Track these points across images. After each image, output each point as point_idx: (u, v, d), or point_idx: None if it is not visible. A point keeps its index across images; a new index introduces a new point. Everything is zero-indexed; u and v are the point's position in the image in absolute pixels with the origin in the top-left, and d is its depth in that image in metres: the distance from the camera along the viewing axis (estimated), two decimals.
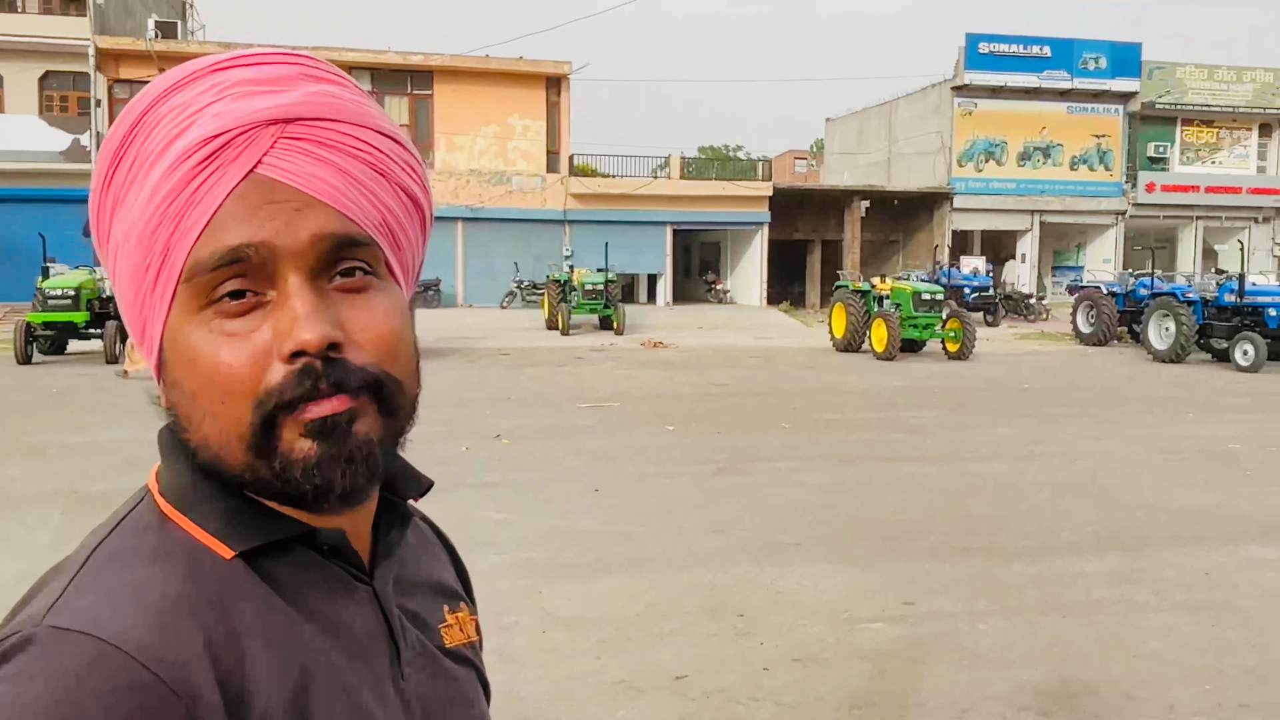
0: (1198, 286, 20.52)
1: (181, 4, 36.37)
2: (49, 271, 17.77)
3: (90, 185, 0.70)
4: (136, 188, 0.65)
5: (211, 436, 0.66)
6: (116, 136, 0.67)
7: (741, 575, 5.70)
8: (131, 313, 0.69)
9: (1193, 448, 10.04)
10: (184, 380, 0.66)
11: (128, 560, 0.65)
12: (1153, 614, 5.21)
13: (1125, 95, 34.46)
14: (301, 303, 0.64)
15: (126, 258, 0.67)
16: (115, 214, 0.67)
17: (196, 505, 0.68)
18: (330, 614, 0.70)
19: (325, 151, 0.66)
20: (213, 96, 0.65)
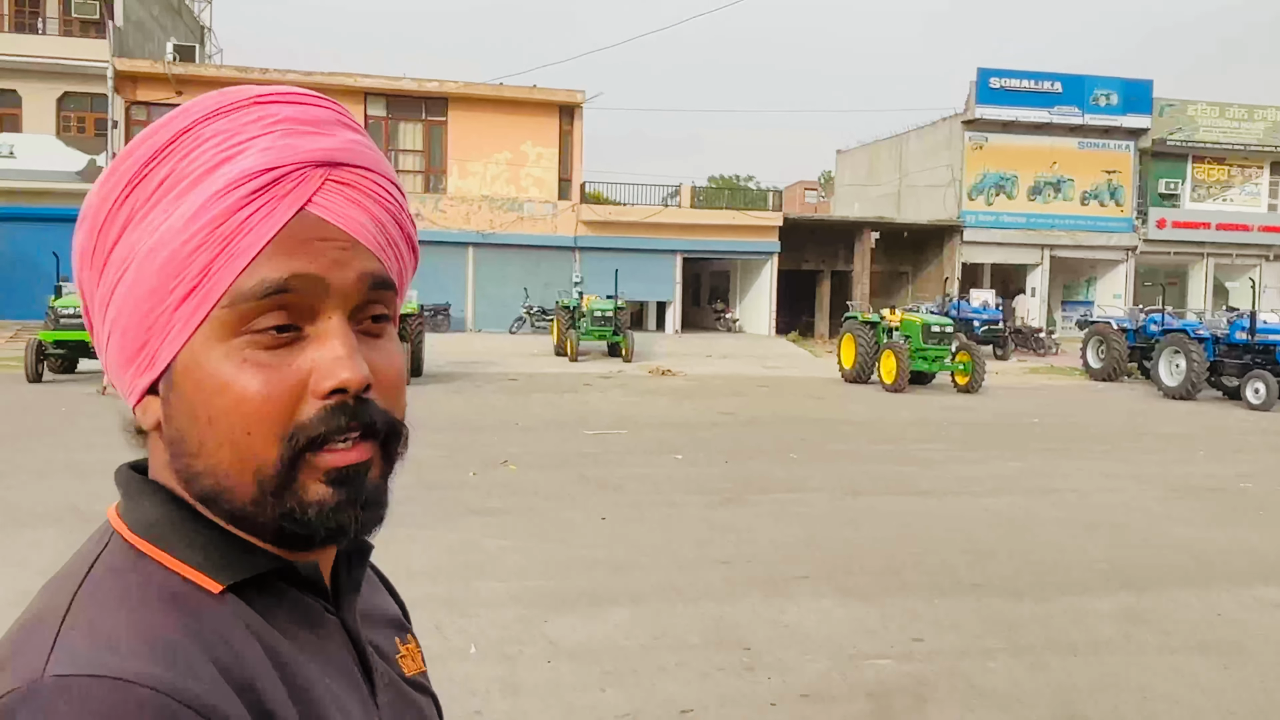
0: (1209, 324, 20.45)
1: (199, 28, 36.80)
2: (61, 290, 17.86)
3: (94, 195, 0.68)
4: (166, 206, 0.65)
5: (224, 466, 0.65)
6: (143, 152, 0.67)
7: (747, 608, 5.65)
8: (131, 331, 0.67)
9: (1204, 485, 9.96)
10: (202, 405, 0.65)
11: (115, 602, 0.63)
12: (1163, 654, 5.14)
13: (1136, 131, 34.55)
14: (344, 342, 0.66)
15: (143, 275, 0.65)
16: (129, 228, 0.66)
17: (175, 540, 0.67)
18: (318, 645, 0.71)
19: (361, 197, 0.69)
20: (260, 130, 0.66)
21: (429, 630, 4.99)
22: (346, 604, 0.76)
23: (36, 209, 26.03)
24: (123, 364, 0.69)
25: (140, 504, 0.69)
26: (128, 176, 0.67)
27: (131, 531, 0.68)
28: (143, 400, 0.69)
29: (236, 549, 0.68)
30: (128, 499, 0.70)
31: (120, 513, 0.70)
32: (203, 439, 0.66)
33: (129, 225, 0.66)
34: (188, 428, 0.66)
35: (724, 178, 72.22)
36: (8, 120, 26.89)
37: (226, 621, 0.65)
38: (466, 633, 5.06)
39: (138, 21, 29.23)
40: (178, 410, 0.67)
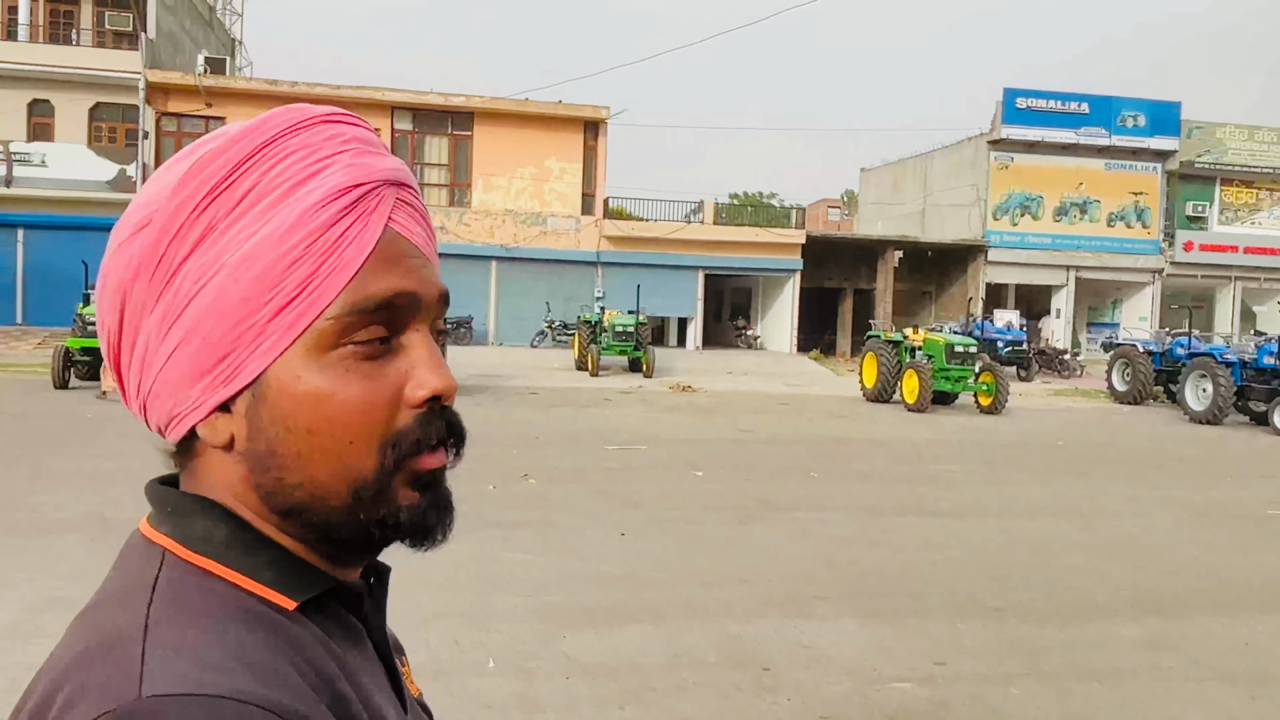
0: (1236, 348, 20.23)
1: (230, 41, 37.23)
2: (90, 299, 18.06)
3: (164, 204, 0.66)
4: (256, 218, 0.65)
5: (322, 476, 0.66)
6: (224, 164, 0.66)
7: (766, 627, 5.61)
8: (212, 342, 0.65)
9: (1231, 512, 9.83)
10: (301, 416, 0.65)
11: (196, 620, 0.62)
12: (1189, 683, 5.07)
13: (1164, 154, 34.33)
14: (433, 352, 0.69)
15: (230, 286, 0.64)
16: (207, 239, 0.65)
17: (243, 558, 0.67)
18: (364, 664, 0.72)
19: (420, 216, 0.72)
20: (337, 147, 0.68)
21: (447, 644, 4.98)
22: (375, 623, 0.76)
23: (67, 217, 26.36)
24: (192, 378, 0.66)
25: (197, 522, 0.68)
26: (207, 186, 0.65)
27: (189, 550, 0.67)
28: (209, 417, 0.67)
29: (299, 567, 0.69)
30: (178, 516, 0.68)
31: (167, 531, 0.68)
32: (300, 451, 0.66)
33: (207, 235, 0.65)
34: (282, 440, 0.66)
35: (747, 194, 72.27)
36: (40, 130, 27.26)
37: (304, 637, 0.65)
38: (485, 647, 5.05)
39: (169, 34, 29.61)
40: (269, 423, 0.66)
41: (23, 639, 4.81)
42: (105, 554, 4.84)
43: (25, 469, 9.25)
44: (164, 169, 0.68)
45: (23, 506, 7.71)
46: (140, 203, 0.68)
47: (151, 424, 0.71)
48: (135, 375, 0.69)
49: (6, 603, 5.34)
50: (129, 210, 0.68)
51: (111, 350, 0.70)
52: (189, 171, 0.66)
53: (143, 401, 0.70)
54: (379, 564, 0.79)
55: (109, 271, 0.68)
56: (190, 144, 0.70)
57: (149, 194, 0.68)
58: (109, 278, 0.68)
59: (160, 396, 0.68)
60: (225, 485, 0.69)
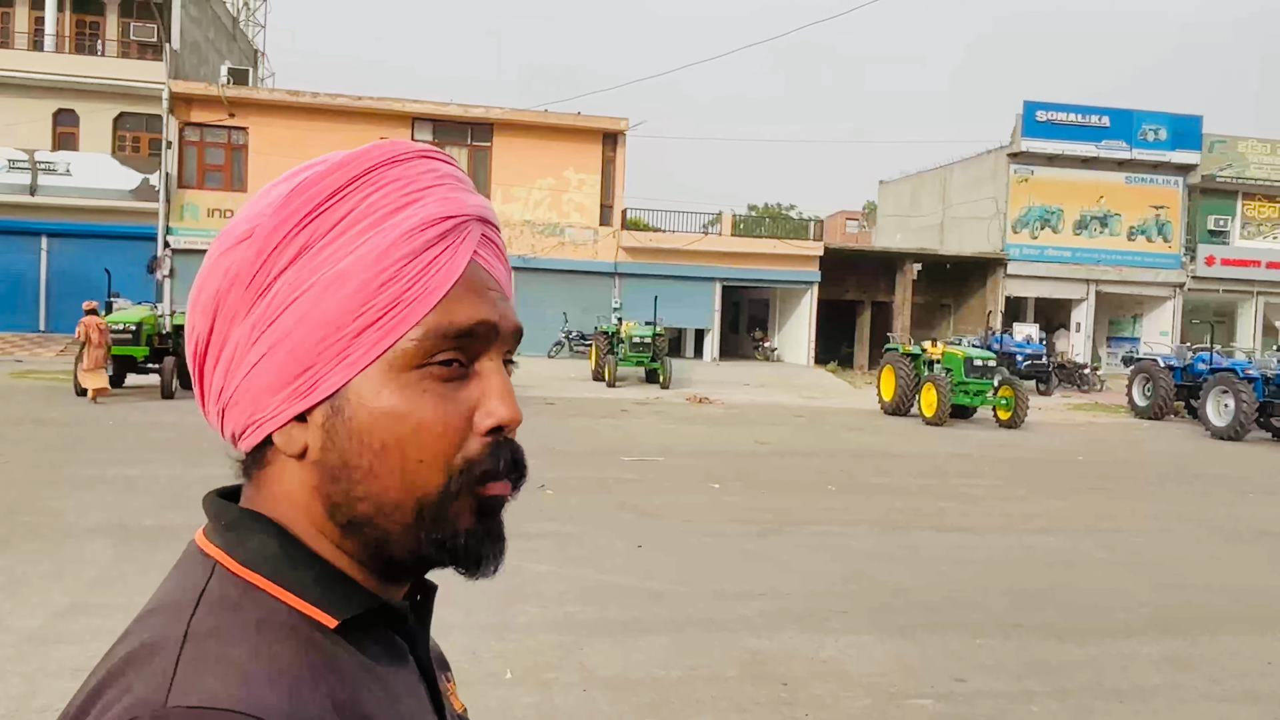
0: (1258, 363, 20.06)
1: (253, 52, 37.55)
2: (112, 306, 18.21)
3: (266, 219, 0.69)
4: (352, 239, 0.68)
5: (390, 492, 0.68)
6: (327, 186, 0.69)
7: (785, 642, 5.59)
8: (298, 354, 0.67)
9: (1254, 529, 9.74)
10: (376, 432, 0.67)
11: (234, 634, 0.64)
12: (1210, 703, 5.02)
13: (1185, 167, 34.13)
14: (504, 382, 0.72)
15: (322, 301, 0.67)
16: (304, 255, 0.68)
17: (289, 573, 0.68)
18: (406, 684, 0.73)
19: (500, 253, 0.76)
20: (432, 180, 0.72)
21: (465, 655, 4.99)
22: (420, 642, 0.77)
23: (90, 225, 26.62)
24: (275, 387, 0.68)
25: (251, 537, 0.70)
26: (309, 206, 0.69)
27: (239, 564, 0.68)
28: (285, 426, 0.69)
29: (345, 586, 0.70)
30: (232, 531, 0.70)
31: (220, 544, 0.70)
32: (372, 465, 0.68)
33: (304, 252, 0.68)
34: (356, 453, 0.68)
35: (765, 206, 72.25)
36: (65, 139, 27.57)
37: (340, 656, 0.67)
38: (503, 658, 5.05)
39: (193, 44, 29.90)
40: (345, 436, 0.68)
41: (46, 645, 4.84)
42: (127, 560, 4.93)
43: (48, 475, 9.33)
44: (268, 188, 0.72)
45: (45, 512, 7.77)
46: (243, 218, 0.71)
47: (226, 431, 0.73)
48: (218, 381, 0.71)
49: (30, 608, 5.38)
50: (231, 224, 0.71)
51: (198, 355, 0.72)
52: (293, 191, 0.69)
53: (222, 407, 0.72)
54: (426, 582, 0.80)
55: (206, 279, 0.71)
56: (294, 168, 0.72)
57: (253, 210, 0.71)
58: (206, 285, 0.71)
59: (240, 404, 0.70)
60: (292, 494, 0.71)
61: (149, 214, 27.04)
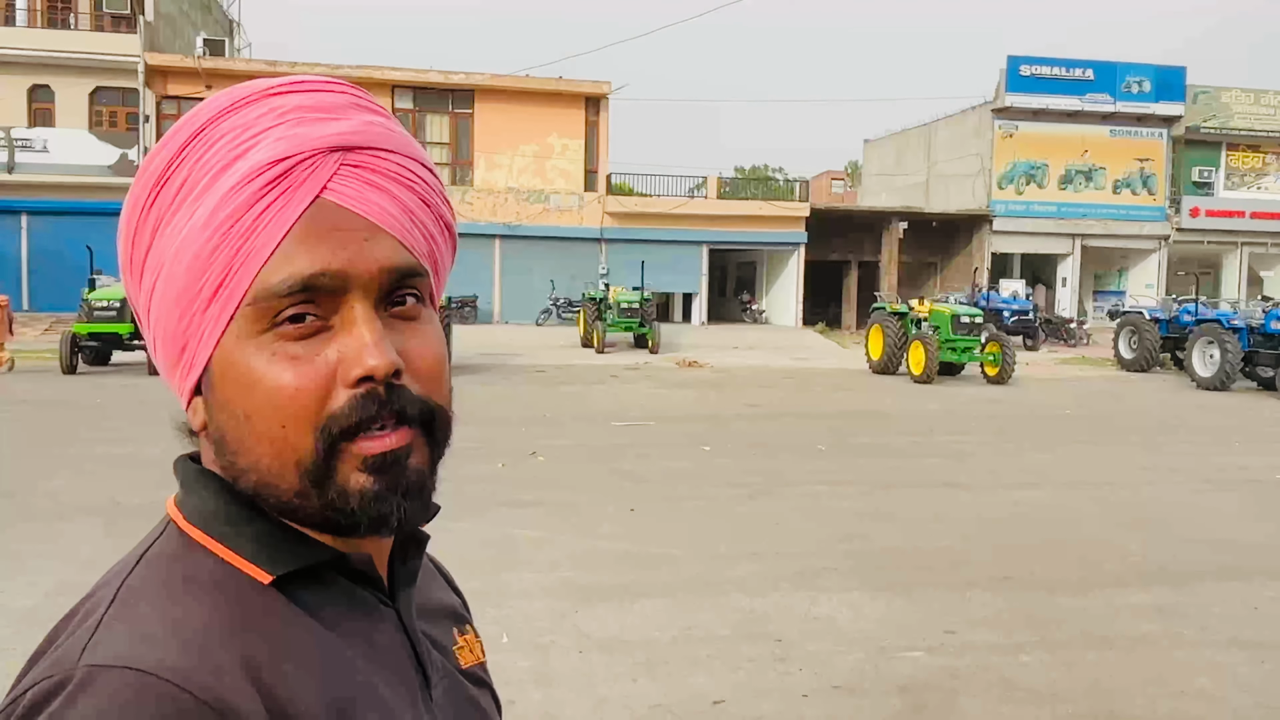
0: (1243, 313, 20.16)
1: (229, 23, 37.05)
2: (95, 283, 18.08)
3: (125, 205, 0.69)
4: (188, 208, 0.65)
5: (264, 461, 0.66)
6: (163, 157, 0.67)
7: (778, 600, 5.65)
8: (171, 335, 0.68)
9: (1240, 478, 9.84)
10: (237, 402, 0.65)
11: (156, 592, 0.64)
12: (1200, 650, 5.09)
13: (1169, 119, 34.10)
14: (369, 330, 0.65)
15: (173, 279, 0.66)
16: (157, 235, 0.67)
17: (228, 530, 0.68)
18: (365, 637, 0.71)
19: (383, 181, 0.67)
20: (272, 121, 0.65)
21: None
22: (402, 596, 0.76)
23: (70, 203, 26.36)
24: (169, 367, 0.70)
25: (197, 494, 0.70)
26: (150, 183, 0.67)
27: (187, 521, 0.69)
28: (191, 402, 0.70)
29: (290, 540, 0.69)
30: (185, 489, 0.71)
31: (177, 502, 0.71)
32: (241, 435, 0.66)
33: (157, 231, 0.67)
34: (228, 426, 0.67)
35: (751, 169, 71.98)
36: (41, 115, 27.23)
37: (271, 614, 0.66)
38: (498, 623, 5.09)
39: (168, 16, 29.48)
40: (217, 409, 0.67)
41: (41, 625, 4.80)
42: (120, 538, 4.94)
43: (38, 455, 9.30)
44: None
45: (37, 492, 7.76)
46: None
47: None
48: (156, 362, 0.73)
49: (24, 588, 5.39)
50: None
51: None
52: (139, 170, 0.68)
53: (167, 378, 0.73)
54: (417, 534, 0.78)
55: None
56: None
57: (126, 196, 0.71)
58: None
59: (167, 382, 0.72)
60: (213, 463, 0.71)
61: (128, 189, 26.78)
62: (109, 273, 19.58)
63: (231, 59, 29.69)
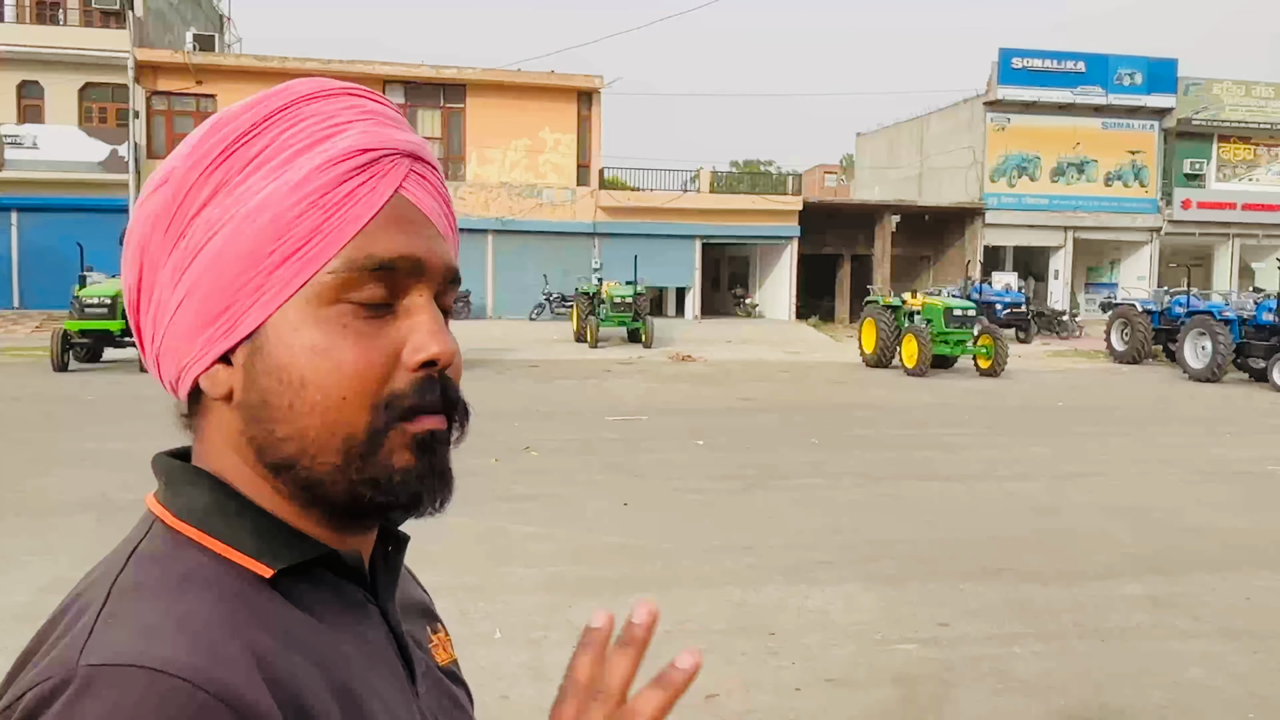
0: (1235, 305, 20.23)
1: (219, 17, 36.89)
2: (86, 280, 18.02)
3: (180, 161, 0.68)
4: (268, 174, 0.66)
5: (311, 430, 0.66)
6: (245, 120, 0.68)
7: (771, 594, 5.65)
8: (215, 291, 0.66)
9: (1232, 469, 9.88)
10: (295, 368, 0.66)
11: (154, 589, 0.63)
12: (1192, 640, 5.11)
13: (1161, 111, 34.14)
14: (434, 318, 0.69)
15: (238, 236, 0.66)
16: (220, 192, 0.67)
17: (225, 525, 0.67)
18: (356, 633, 0.71)
19: (436, 191, 0.74)
20: (355, 115, 0.70)
21: (454, 616, 5.02)
22: (385, 593, 0.76)
23: (60, 199, 26.25)
24: (197, 329, 0.67)
25: (185, 490, 0.69)
26: (222, 145, 0.67)
27: (176, 518, 0.68)
28: (210, 369, 0.68)
29: (285, 535, 0.68)
30: (170, 486, 0.70)
31: (161, 500, 0.70)
32: (292, 403, 0.66)
33: (219, 190, 0.67)
34: (275, 392, 0.66)
35: (744, 162, 71.95)
36: (31, 111, 27.08)
37: (271, 608, 0.65)
38: (492, 618, 5.09)
39: (157, 11, 29.34)
40: (264, 374, 0.66)
41: (33, 621, 4.79)
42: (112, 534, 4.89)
43: (29, 451, 9.27)
44: (190, 134, 0.71)
45: (28, 489, 7.74)
46: (163, 163, 0.70)
47: (165, 381, 0.72)
48: (149, 329, 0.71)
49: (16, 584, 5.37)
50: (152, 173, 0.71)
51: (131, 307, 0.72)
52: (207, 132, 0.69)
53: (156, 356, 0.71)
54: (398, 533, 0.78)
55: (132, 230, 0.70)
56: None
57: (173, 155, 0.70)
58: (131, 235, 0.70)
59: (171, 350, 0.69)
60: (227, 441, 0.69)
61: (119, 186, 26.67)
62: (100, 269, 19.52)
63: (222, 54, 29.57)
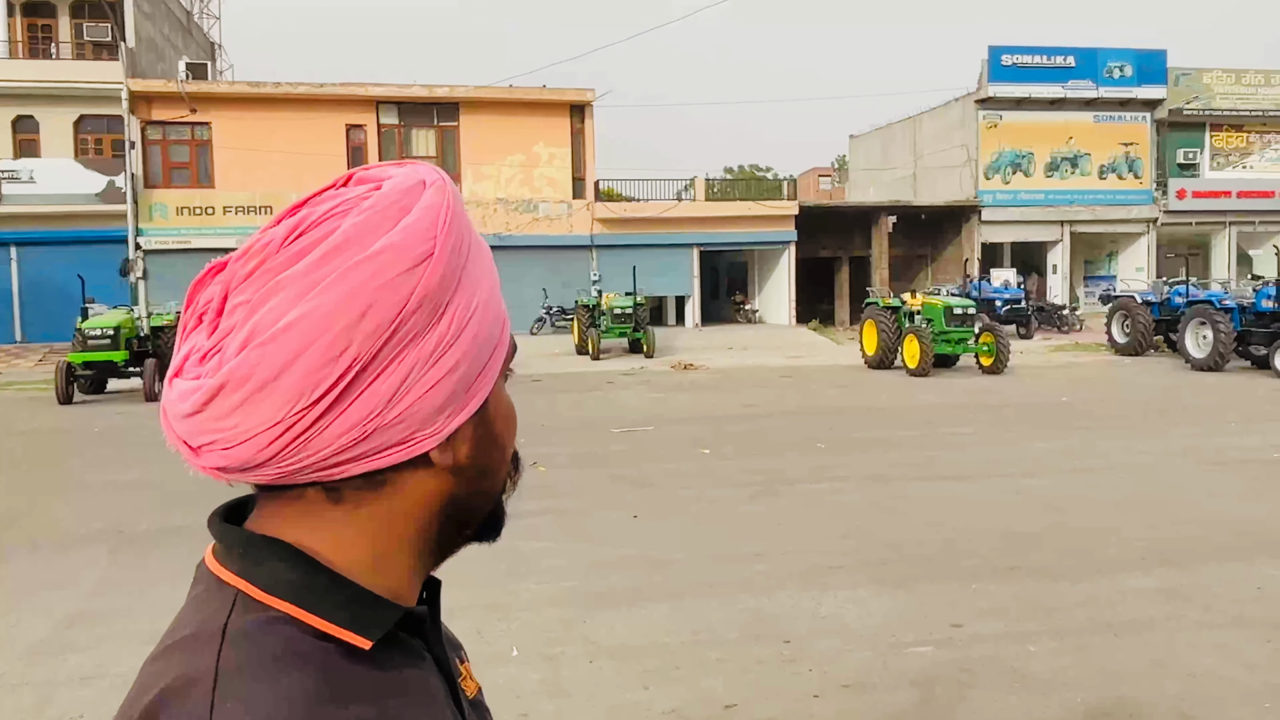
0: (1234, 293, 20.25)
1: (210, 45, 37.04)
2: (88, 312, 18.06)
3: (444, 241, 0.69)
4: (477, 263, 0.74)
5: (502, 479, 0.81)
6: (457, 208, 0.73)
7: (785, 600, 5.67)
8: (469, 372, 0.72)
9: (1237, 457, 9.89)
10: (502, 434, 0.79)
11: (257, 670, 0.64)
12: (1205, 631, 5.13)
13: (1152, 102, 34.21)
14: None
15: (485, 322, 0.73)
16: (465, 278, 0.71)
17: (321, 600, 0.69)
18: (425, 685, 0.74)
19: None
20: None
21: (471, 635, 5.04)
22: (436, 642, 0.79)
23: (59, 232, 26.33)
24: (443, 406, 0.70)
25: (275, 565, 0.70)
26: (460, 230, 0.72)
27: (265, 592, 0.69)
28: (443, 445, 0.72)
29: (370, 604, 0.71)
30: (250, 558, 0.71)
31: (239, 572, 0.70)
32: (499, 463, 0.79)
33: (464, 276, 0.71)
34: (491, 456, 0.78)
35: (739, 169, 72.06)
36: (26, 145, 27.17)
37: (367, 678, 0.68)
38: (508, 635, 5.11)
39: (149, 41, 29.46)
40: (489, 443, 0.77)
41: (54, 654, 4.87)
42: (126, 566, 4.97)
43: (40, 485, 9.30)
44: (404, 209, 0.69)
45: (42, 522, 7.76)
46: (410, 240, 0.67)
47: (350, 454, 0.68)
48: (369, 405, 0.67)
49: (35, 618, 5.40)
50: (394, 245, 0.67)
51: (336, 377, 0.66)
52: (449, 217, 0.70)
53: (368, 430, 0.68)
54: (431, 578, 0.82)
55: (380, 299, 0.66)
56: (401, 180, 0.71)
57: (417, 231, 0.68)
58: (380, 305, 0.65)
59: (402, 423, 0.68)
60: (418, 505, 0.74)
61: (117, 216, 26.76)
62: (101, 301, 19.57)
63: (214, 82, 29.67)
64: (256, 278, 0.67)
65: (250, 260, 0.68)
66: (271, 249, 0.68)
